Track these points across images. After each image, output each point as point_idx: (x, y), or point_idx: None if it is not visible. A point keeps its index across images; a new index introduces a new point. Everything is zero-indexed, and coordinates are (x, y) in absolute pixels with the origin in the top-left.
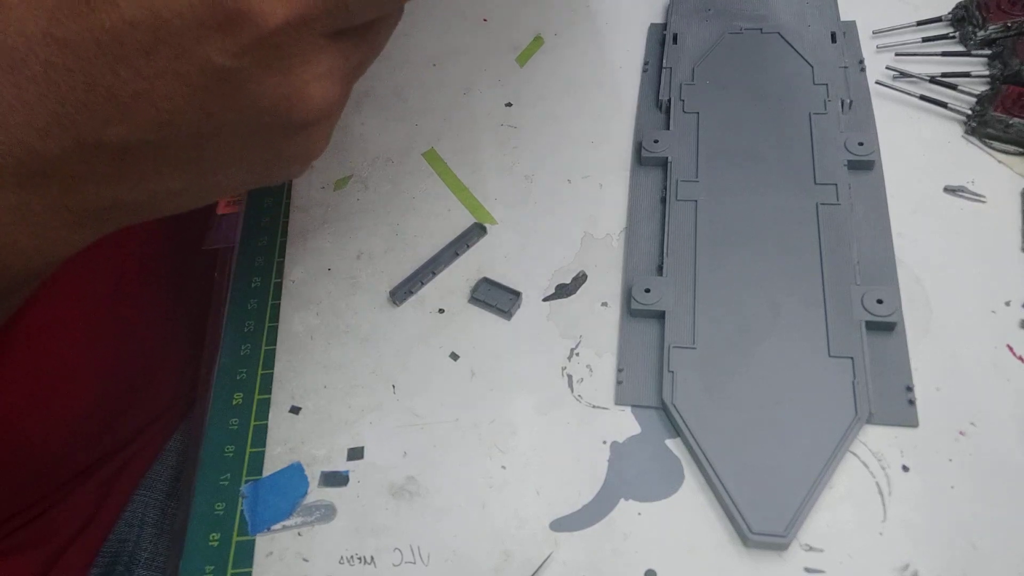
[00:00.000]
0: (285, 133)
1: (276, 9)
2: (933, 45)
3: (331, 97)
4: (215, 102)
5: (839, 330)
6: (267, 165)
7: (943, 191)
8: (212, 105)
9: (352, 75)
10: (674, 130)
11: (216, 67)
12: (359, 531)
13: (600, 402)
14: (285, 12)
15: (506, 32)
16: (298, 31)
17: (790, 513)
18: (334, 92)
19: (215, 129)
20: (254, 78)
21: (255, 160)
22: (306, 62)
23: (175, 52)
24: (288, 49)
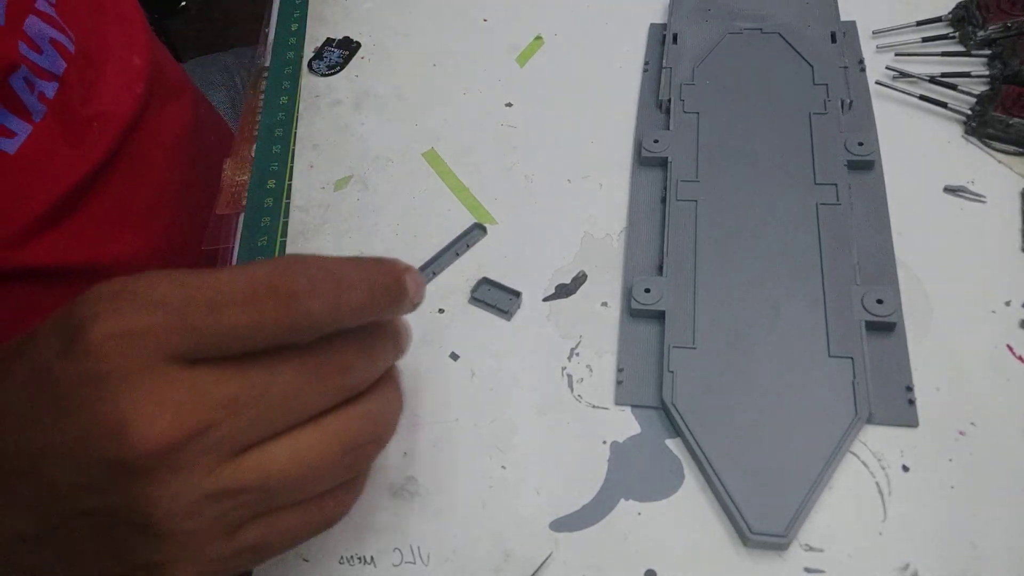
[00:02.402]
0: (114, 471)
1: (102, 318)
2: (933, 45)
3: (157, 432)
4: (43, 411)
5: (839, 330)
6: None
7: (943, 191)
8: (40, 412)
9: (213, 419)
10: (674, 130)
11: (40, 366)
12: (359, 531)
13: (600, 402)
14: (111, 323)
15: (506, 32)
16: (120, 344)
17: (790, 513)
18: (164, 427)
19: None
20: (71, 384)
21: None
22: (127, 383)
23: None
24: (107, 362)
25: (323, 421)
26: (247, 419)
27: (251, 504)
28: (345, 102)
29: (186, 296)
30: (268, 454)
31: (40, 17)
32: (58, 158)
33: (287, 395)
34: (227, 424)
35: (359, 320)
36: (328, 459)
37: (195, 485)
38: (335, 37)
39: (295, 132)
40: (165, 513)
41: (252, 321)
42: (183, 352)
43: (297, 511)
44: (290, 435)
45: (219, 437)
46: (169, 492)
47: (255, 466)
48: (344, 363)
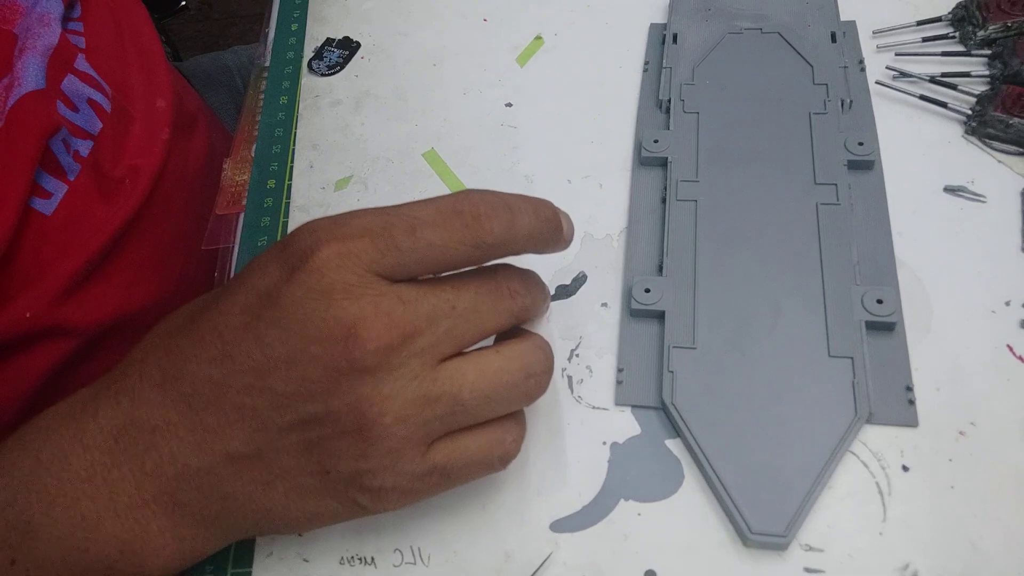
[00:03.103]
0: (337, 373)
1: (324, 244)
2: (933, 45)
3: (378, 333)
4: (265, 327)
5: (839, 330)
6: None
7: (943, 191)
8: (263, 330)
9: (418, 327)
10: (674, 130)
11: (265, 289)
12: (359, 531)
13: (600, 403)
14: (333, 247)
15: (506, 32)
16: (342, 262)
17: (790, 513)
18: (382, 329)
19: (270, 360)
20: (299, 301)
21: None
22: (350, 294)
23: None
24: (331, 277)
25: (504, 347)
26: (443, 330)
27: (445, 417)
28: (345, 102)
29: (388, 222)
30: (461, 369)
31: (78, 76)
32: (93, 215)
33: (471, 311)
34: (429, 333)
35: (528, 244)
36: (511, 379)
37: (405, 387)
38: (335, 37)
39: (295, 132)
40: (381, 412)
41: (444, 239)
42: (390, 269)
43: (482, 437)
44: (477, 356)
45: (424, 344)
46: (387, 391)
47: (451, 377)
48: (512, 289)
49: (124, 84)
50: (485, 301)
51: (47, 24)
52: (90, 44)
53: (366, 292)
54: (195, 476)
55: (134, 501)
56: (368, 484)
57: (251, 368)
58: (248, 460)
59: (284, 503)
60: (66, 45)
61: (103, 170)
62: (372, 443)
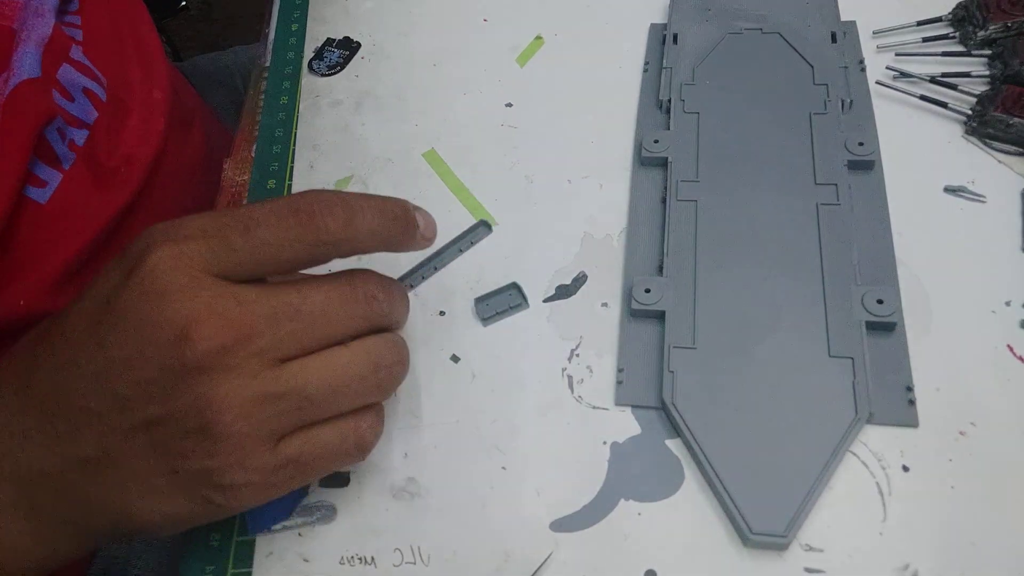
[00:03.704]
0: (172, 374)
1: (157, 246)
2: (933, 45)
3: (209, 333)
4: (105, 331)
5: (839, 330)
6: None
7: (943, 191)
8: (103, 335)
9: (256, 328)
10: (674, 130)
11: (104, 295)
12: (360, 532)
13: (600, 403)
14: (167, 248)
15: (506, 32)
16: (175, 263)
17: (790, 513)
18: (214, 329)
19: (111, 364)
20: (133, 302)
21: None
22: (182, 294)
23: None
24: (164, 279)
25: (353, 343)
26: (285, 332)
27: (292, 412)
28: (345, 102)
29: (223, 223)
30: (306, 365)
31: (73, 66)
32: (87, 204)
33: (318, 314)
34: (268, 334)
35: (374, 242)
36: (359, 372)
37: (244, 386)
38: (335, 37)
39: (295, 132)
40: (220, 411)
41: (279, 237)
42: (226, 269)
43: (334, 428)
44: (324, 352)
45: (262, 345)
46: (223, 391)
47: (295, 375)
48: (368, 294)
49: (121, 75)
50: (336, 305)
51: (41, 15)
52: (87, 36)
53: (200, 293)
54: (50, 480)
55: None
56: (219, 482)
57: (94, 372)
58: (98, 464)
59: (140, 505)
60: (61, 36)
61: (98, 159)
62: (216, 441)
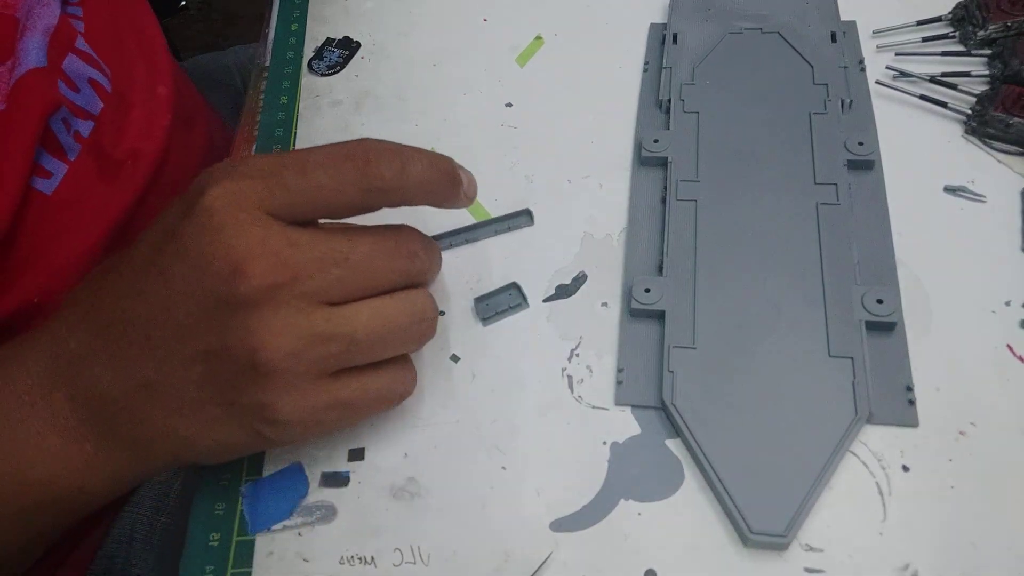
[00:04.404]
0: (227, 307)
1: (215, 183)
2: (933, 45)
3: (263, 270)
4: (167, 262)
5: (839, 330)
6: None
7: (943, 191)
8: (165, 265)
9: (307, 270)
10: (674, 130)
11: (168, 227)
12: (359, 531)
13: (600, 402)
14: (224, 185)
15: (506, 32)
16: (233, 199)
17: (790, 513)
18: (267, 266)
19: (173, 294)
20: (193, 236)
21: (211, 341)
22: (238, 231)
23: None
24: (221, 214)
25: (398, 293)
26: (334, 276)
27: (340, 355)
28: (345, 102)
29: (281, 163)
30: (354, 310)
31: (79, 56)
32: (93, 197)
33: (365, 263)
34: (318, 276)
35: (420, 193)
36: (403, 321)
37: (293, 324)
38: (335, 37)
39: (295, 132)
40: (269, 348)
41: (334, 180)
42: (281, 209)
43: (382, 373)
44: (372, 300)
45: (312, 286)
46: (272, 328)
47: (344, 318)
48: (411, 249)
49: (123, 70)
50: (381, 257)
51: (46, 4)
52: (89, 26)
53: (255, 230)
54: (115, 402)
55: (70, 422)
56: (271, 417)
57: (157, 301)
58: (159, 389)
59: (196, 431)
60: (65, 25)
61: (104, 151)
62: (268, 377)
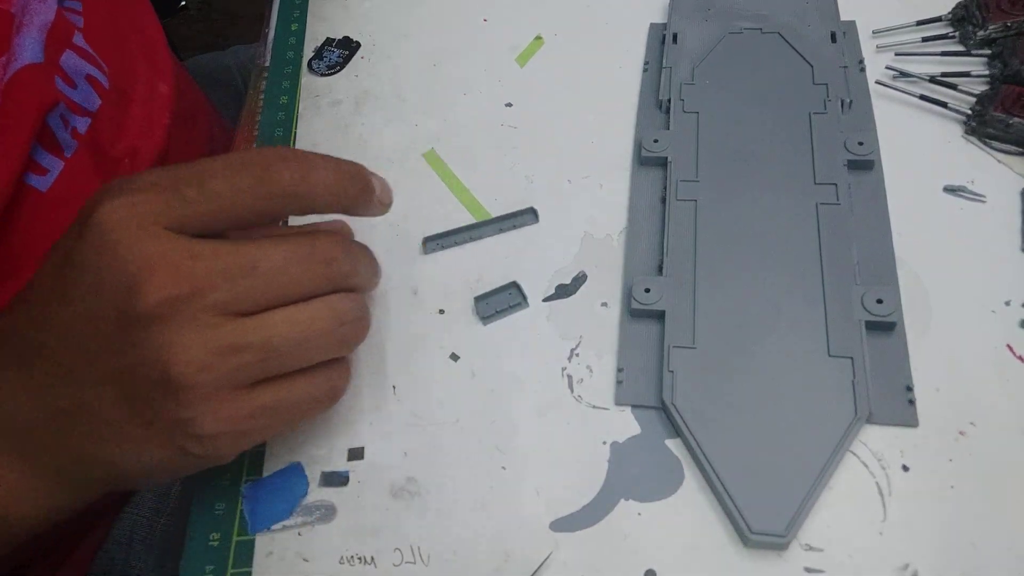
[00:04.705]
0: (128, 325)
1: (108, 199)
2: (933, 45)
3: (161, 284)
4: (65, 286)
5: (839, 330)
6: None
7: (943, 191)
8: (65, 289)
9: (210, 282)
10: (674, 130)
11: (65, 250)
12: (359, 531)
13: (600, 402)
14: (118, 200)
15: (506, 32)
16: (127, 214)
17: (790, 513)
18: (166, 280)
19: (75, 317)
20: (88, 256)
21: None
22: (134, 246)
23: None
24: (116, 232)
25: (315, 299)
26: (243, 287)
27: (257, 364)
28: (345, 102)
29: (176, 175)
30: (267, 319)
31: (77, 52)
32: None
33: (276, 272)
34: (224, 289)
35: (328, 199)
36: (322, 327)
37: (202, 337)
38: (335, 37)
39: (295, 132)
40: (179, 363)
41: (232, 188)
42: (180, 222)
43: (305, 378)
44: (286, 307)
45: (218, 298)
46: (179, 342)
47: (256, 327)
48: (329, 255)
49: (123, 65)
50: (295, 263)
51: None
52: (88, 23)
53: (151, 244)
54: (37, 431)
55: None
56: (193, 432)
57: (62, 326)
58: (75, 414)
59: (120, 455)
60: (63, 21)
61: (102, 149)
62: (183, 392)
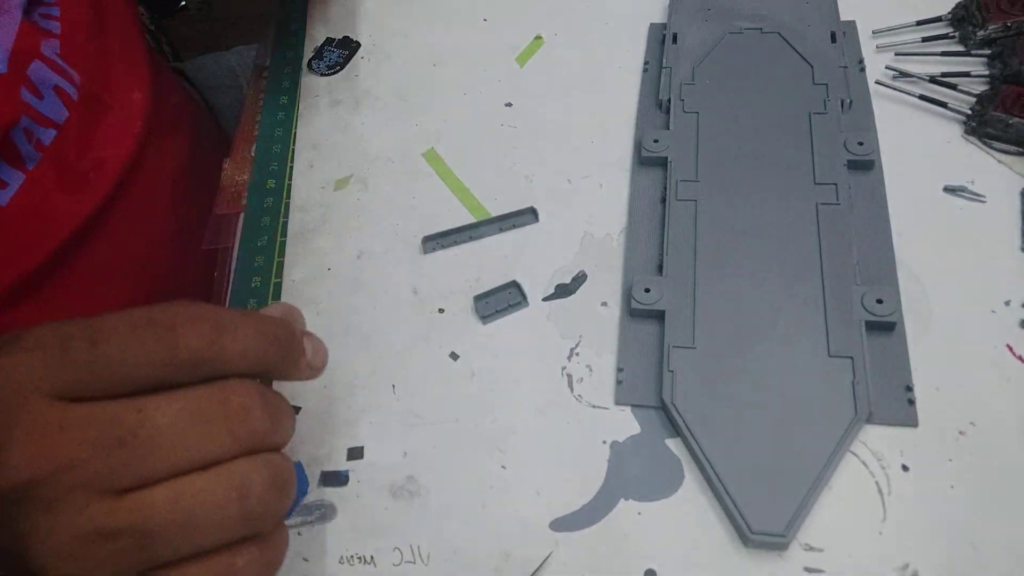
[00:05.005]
0: None
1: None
2: (933, 45)
3: (21, 461)
4: None
5: (839, 330)
6: None
7: (943, 191)
8: None
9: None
10: (674, 130)
11: None
12: (359, 531)
13: (600, 402)
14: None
15: (506, 32)
16: (5, 378)
17: (790, 513)
18: (28, 457)
19: None
20: None
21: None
22: (2, 415)
23: None
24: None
25: (213, 467)
26: (120, 458)
27: (134, 551)
28: (345, 102)
29: (65, 335)
30: (147, 496)
31: (46, 63)
32: (53, 207)
33: (162, 438)
34: (96, 461)
35: (246, 365)
36: (216, 503)
37: (68, 523)
38: (335, 37)
39: (295, 132)
40: (43, 551)
41: (130, 352)
42: (65, 388)
43: (200, 567)
44: (173, 480)
45: (88, 474)
46: (43, 527)
47: (133, 508)
48: (242, 407)
49: (101, 71)
50: (189, 425)
51: (7, 11)
52: (65, 28)
53: (19, 415)
54: None
55: None
56: None
57: None
58: None
59: None
60: (31, 31)
61: (66, 161)
62: None
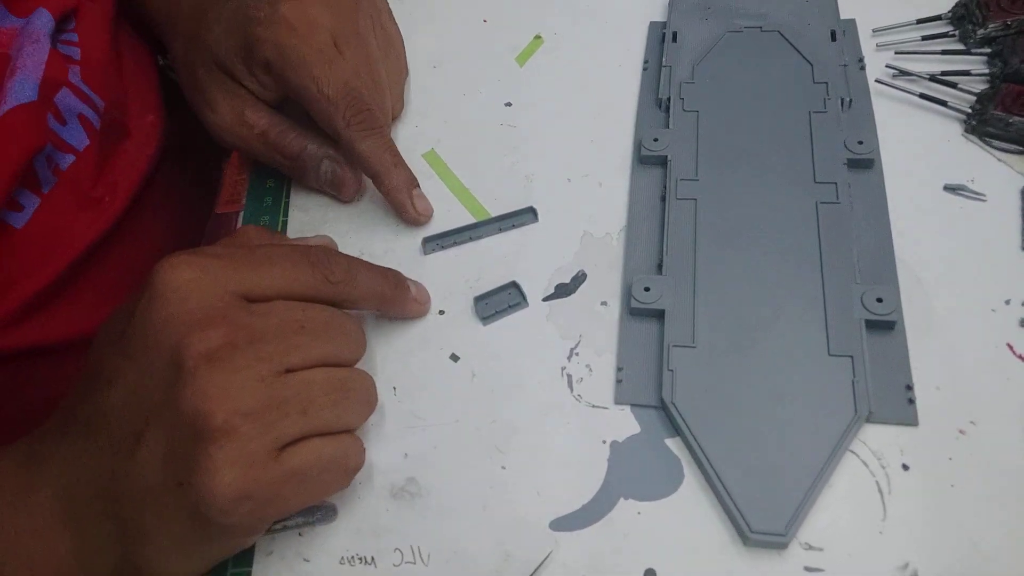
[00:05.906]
0: (185, 369)
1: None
2: (933, 43)
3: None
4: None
5: (839, 329)
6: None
7: (943, 190)
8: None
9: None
10: (674, 129)
11: (128, 309)
12: (360, 531)
13: (600, 402)
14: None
15: (506, 32)
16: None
17: (790, 512)
18: (228, 328)
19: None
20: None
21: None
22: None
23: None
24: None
25: (346, 367)
26: (292, 344)
27: (297, 420)
28: None
29: (242, 254)
30: (311, 374)
31: (72, 91)
32: (65, 230)
33: (321, 331)
34: (276, 342)
35: (370, 292)
36: (356, 390)
37: (252, 387)
38: None
39: None
40: (226, 408)
41: (290, 275)
42: (240, 289)
43: (334, 442)
44: (327, 367)
45: (270, 351)
46: (229, 387)
47: (301, 381)
48: (352, 329)
49: (119, 98)
50: (335, 326)
51: (37, 40)
52: (84, 55)
53: (215, 299)
54: (93, 499)
55: (48, 523)
56: (218, 493)
57: (123, 384)
58: (121, 477)
59: (153, 525)
60: (57, 59)
61: (81, 187)
62: (219, 438)
